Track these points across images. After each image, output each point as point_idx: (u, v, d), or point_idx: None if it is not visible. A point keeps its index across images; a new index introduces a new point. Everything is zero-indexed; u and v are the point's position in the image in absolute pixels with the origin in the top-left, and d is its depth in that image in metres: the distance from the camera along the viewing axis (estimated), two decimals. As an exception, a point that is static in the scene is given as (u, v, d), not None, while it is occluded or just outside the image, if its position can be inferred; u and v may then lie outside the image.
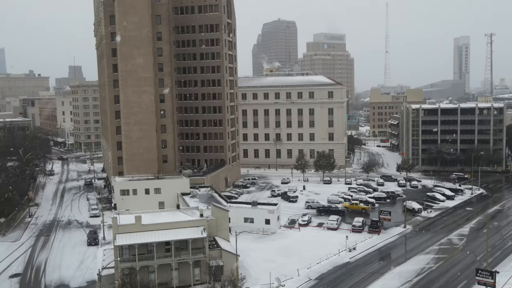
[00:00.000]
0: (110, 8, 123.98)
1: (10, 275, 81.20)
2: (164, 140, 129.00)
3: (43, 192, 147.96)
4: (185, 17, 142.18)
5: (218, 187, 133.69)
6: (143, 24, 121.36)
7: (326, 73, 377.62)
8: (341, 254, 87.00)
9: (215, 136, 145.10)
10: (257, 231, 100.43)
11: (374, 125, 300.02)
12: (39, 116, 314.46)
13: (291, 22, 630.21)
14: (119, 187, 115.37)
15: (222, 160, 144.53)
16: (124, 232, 72.81)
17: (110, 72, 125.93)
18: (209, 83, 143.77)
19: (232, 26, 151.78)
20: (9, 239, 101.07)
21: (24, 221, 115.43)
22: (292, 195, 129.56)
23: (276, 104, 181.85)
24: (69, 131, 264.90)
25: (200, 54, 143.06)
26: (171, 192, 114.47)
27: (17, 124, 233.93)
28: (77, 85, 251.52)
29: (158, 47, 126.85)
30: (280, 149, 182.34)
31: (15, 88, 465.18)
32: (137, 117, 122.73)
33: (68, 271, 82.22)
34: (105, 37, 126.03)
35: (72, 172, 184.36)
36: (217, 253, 75.97)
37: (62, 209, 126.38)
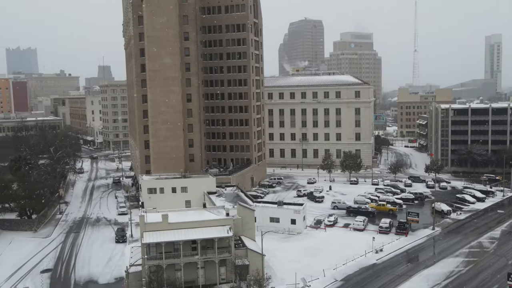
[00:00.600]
0: (138, 8, 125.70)
1: (41, 270, 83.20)
2: (190, 139, 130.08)
3: (73, 190, 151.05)
4: (212, 17, 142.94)
5: (244, 186, 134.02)
6: (170, 24, 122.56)
7: (353, 73, 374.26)
8: (367, 256, 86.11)
9: (241, 136, 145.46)
10: (283, 231, 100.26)
11: (401, 125, 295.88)
12: (70, 115, 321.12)
13: (318, 21, 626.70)
14: (146, 186, 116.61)
15: (248, 159, 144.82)
16: (152, 230, 73.72)
17: (138, 71, 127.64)
18: (236, 83, 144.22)
19: (258, 25, 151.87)
20: (40, 235, 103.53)
21: (55, 218, 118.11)
22: (318, 195, 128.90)
23: (302, 104, 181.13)
24: (98, 129, 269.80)
25: (226, 54, 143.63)
26: (198, 191, 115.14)
27: (48, 123, 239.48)
28: (106, 85, 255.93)
29: (185, 47, 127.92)
30: (306, 149, 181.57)
31: (47, 88, 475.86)
32: (165, 116, 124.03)
33: (96, 268, 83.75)
34: (133, 37, 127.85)
35: (101, 170, 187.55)
36: (242, 252, 76.20)
37: (91, 207, 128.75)
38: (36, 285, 76.72)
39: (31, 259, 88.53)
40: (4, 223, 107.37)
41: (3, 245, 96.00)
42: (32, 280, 79.06)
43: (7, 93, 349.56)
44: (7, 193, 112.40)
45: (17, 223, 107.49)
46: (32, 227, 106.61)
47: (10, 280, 79.30)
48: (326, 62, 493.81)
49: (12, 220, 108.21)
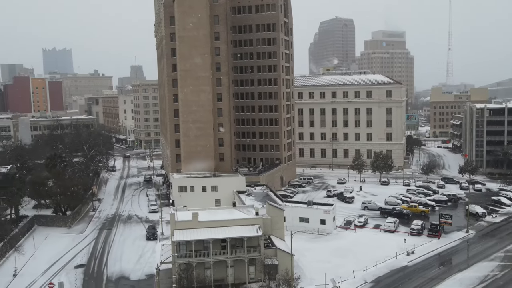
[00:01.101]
0: (170, 9, 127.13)
1: (75, 266, 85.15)
2: (220, 139, 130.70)
3: (106, 187, 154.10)
4: (243, 17, 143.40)
5: (273, 186, 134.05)
6: (201, 25, 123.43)
7: (385, 72, 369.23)
8: (398, 258, 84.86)
9: (271, 135, 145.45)
10: (312, 231, 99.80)
11: (434, 125, 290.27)
12: (103, 114, 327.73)
13: (349, 20, 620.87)
14: (177, 184, 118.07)
15: (277, 159, 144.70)
16: (182, 228, 74.51)
17: (169, 71, 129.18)
18: (266, 82, 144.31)
19: (288, 25, 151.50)
20: (74, 231, 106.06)
21: (88, 214, 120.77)
22: (348, 195, 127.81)
23: (333, 103, 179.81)
24: (130, 128, 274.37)
25: (256, 54, 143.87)
26: (227, 190, 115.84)
27: (82, 122, 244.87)
28: (138, 84, 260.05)
29: (215, 46, 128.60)
30: (336, 149, 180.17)
31: (81, 87, 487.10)
32: (195, 115, 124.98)
33: (128, 264, 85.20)
34: (165, 38, 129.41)
35: (132, 169, 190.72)
36: (272, 252, 76.21)
37: (123, 204, 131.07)
38: (70, 280, 78.52)
39: (65, 255, 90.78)
40: (40, 219, 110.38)
41: (39, 240, 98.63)
42: (67, 275, 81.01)
43: (44, 92, 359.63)
44: (43, 190, 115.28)
45: (52, 219, 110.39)
46: (67, 223, 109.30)
47: (45, 274, 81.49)
48: (357, 62, 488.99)
49: (48, 216, 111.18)
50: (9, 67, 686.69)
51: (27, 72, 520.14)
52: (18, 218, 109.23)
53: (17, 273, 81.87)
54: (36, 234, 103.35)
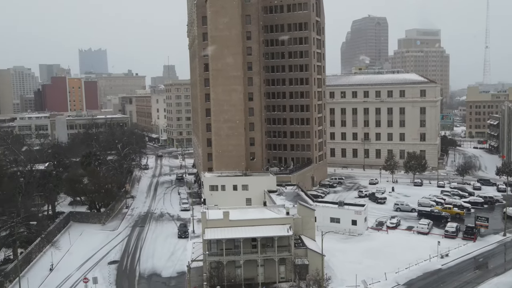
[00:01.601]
0: (202, 9, 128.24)
1: (109, 262, 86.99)
2: (252, 138, 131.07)
3: (138, 185, 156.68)
4: (274, 16, 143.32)
5: (304, 186, 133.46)
6: (233, 24, 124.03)
7: (419, 71, 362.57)
8: (432, 260, 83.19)
9: (302, 135, 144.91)
10: (343, 232, 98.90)
11: (470, 126, 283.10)
12: (136, 113, 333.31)
13: (382, 18, 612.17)
14: (208, 183, 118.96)
15: (308, 159, 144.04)
16: (213, 227, 75.07)
17: (201, 71, 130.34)
18: (297, 82, 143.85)
19: (320, 24, 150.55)
20: (108, 228, 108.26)
21: (122, 212, 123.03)
22: (380, 196, 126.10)
23: (365, 103, 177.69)
24: (163, 127, 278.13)
25: (288, 53, 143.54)
26: (258, 189, 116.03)
27: (116, 121, 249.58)
28: (171, 84, 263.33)
29: (247, 46, 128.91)
30: (368, 149, 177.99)
31: (115, 87, 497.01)
32: (227, 115, 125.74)
33: (160, 261, 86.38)
34: (197, 37, 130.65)
35: (165, 167, 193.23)
36: (302, 252, 75.96)
37: (155, 202, 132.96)
38: (104, 276, 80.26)
39: (99, 251, 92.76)
40: (75, 215, 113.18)
41: (74, 236, 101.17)
42: (100, 270, 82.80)
43: (80, 92, 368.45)
44: (78, 187, 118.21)
45: (87, 215, 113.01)
46: (101, 220, 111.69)
47: (80, 269, 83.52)
48: (390, 60, 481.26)
49: (83, 213, 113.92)
50: (47, 67, 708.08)
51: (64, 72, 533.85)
52: (55, 214, 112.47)
53: (54, 267, 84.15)
54: (71, 230, 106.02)
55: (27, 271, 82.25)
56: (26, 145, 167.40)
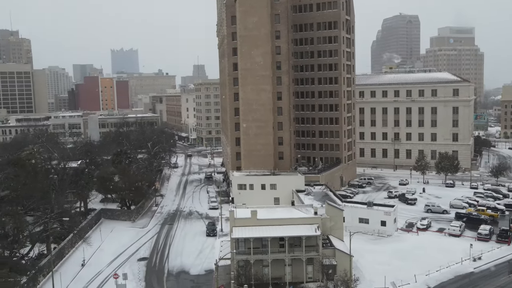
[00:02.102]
0: (231, 9, 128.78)
1: (138, 258, 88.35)
2: (280, 137, 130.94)
3: (168, 184, 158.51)
4: (304, 15, 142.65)
5: (333, 186, 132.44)
6: (262, 24, 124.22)
7: (452, 70, 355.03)
8: (464, 263, 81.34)
9: (331, 134, 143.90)
10: (372, 233, 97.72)
11: (506, 126, 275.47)
12: (166, 112, 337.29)
13: (414, 16, 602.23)
14: (236, 182, 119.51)
15: (337, 158, 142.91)
16: (241, 226, 75.32)
17: (230, 70, 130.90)
18: (326, 81, 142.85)
19: (350, 23, 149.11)
20: (138, 225, 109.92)
21: (151, 209, 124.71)
22: (410, 197, 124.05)
23: (395, 103, 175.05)
24: (192, 126, 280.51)
25: (317, 52, 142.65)
26: (286, 188, 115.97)
27: (146, 120, 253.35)
28: (200, 83, 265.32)
29: (276, 45, 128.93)
30: (399, 149, 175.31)
31: (146, 86, 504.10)
32: (255, 114, 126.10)
33: (188, 259, 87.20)
34: (226, 37, 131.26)
35: (194, 166, 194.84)
36: (330, 252, 75.44)
37: (184, 200, 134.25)
38: (133, 272, 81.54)
39: (129, 247, 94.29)
40: (106, 212, 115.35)
41: (105, 233, 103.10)
42: (130, 267, 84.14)
43: (112, 91, 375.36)
44: (109, 185, 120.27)
45: (118, 213, 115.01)
46: (131, 217, 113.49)
47: (111, 265, 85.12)
48: (422, 59, 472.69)
49: (114, 210, 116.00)
50: (80, 67, 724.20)
51: (96, 72, 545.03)
52: (87, 211, 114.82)
53: (85, 263, 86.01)
54: (103, 227, 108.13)
55: (60, 266, 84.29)
56: (60, 143, 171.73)
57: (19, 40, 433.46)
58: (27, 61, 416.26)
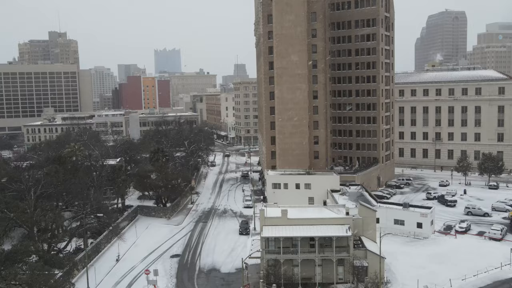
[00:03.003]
0: (268, 7, 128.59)
1: (171, 255, 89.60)
2: (316, 136, 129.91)
3: (205, 182, 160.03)
4: (341, 13, 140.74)
5: (369, 186, 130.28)
6: (298, 22, 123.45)
7: (501, 67, 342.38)
8: (504, 268, 78.11)
9: (368, 134, 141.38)
10: (408, 234, 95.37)
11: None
12: (206, 111, 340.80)
13: (460, 12, 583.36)
14: (271, 181, 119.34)
15: (374, 158, 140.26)
16: (271, 225, 75.11)
17: (266, 69, 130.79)
18: (364, 80, 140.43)
19: (390, 20, 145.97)
20: (173, 223, 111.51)
21: (187, 207, 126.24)
22: (450, 199, 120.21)
23: (437, 101, 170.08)
24: (231, 125, 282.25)
25: (355, 50, 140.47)
26: (321, 188, 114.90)
27: (186, 118, 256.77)
28: (239, 82, 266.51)
29: (312, 44, 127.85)
30: (440, 149, 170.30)
31: (187, 85, 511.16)
32: (290, 113, 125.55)
33: (220, 257, 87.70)
34: (262, 36, 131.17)
35: (231, 164, 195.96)
36: (361, 253, 74.12)
37: (220, 199, 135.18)
38: (165, 268, 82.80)
39: (163, 244, 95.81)
40: (143, 209, 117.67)
41: (140, 229, 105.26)
42: (163, 263, 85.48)
43: (153, 90, 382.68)
44: (146, 182, 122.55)
45: (154, 210, 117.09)
46: (166, 214, 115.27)
47: (144, 261, 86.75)
48: (468, 57, 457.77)
49: (150, 207, 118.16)
50: (125, 67, 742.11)
51: (139, 71, 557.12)
52: (124, 208, 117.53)
53: (120, 258, 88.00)
54: (138, 223, 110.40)
55: (95, 261, 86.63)
56: (101, 141, 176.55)
57: (67, 42, 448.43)
58: (74, 61, 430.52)
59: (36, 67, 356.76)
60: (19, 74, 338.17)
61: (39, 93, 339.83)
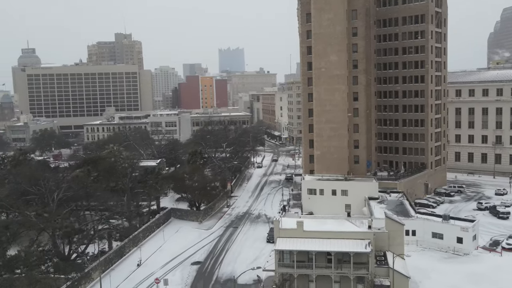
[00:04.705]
0: (306, 6, 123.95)
1: (192, 262, 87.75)
2: (356, 140, 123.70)
3: (247, 184, 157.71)
4: (388, 10, 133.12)
5: (415, 193, 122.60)
6: (338, 21, 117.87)
7: None
8: (551, 294, 69.55)
9: (415, 137, 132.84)
10: (446, 250, 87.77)
11: None
12: (262, 110, 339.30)
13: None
14: (306, 186, 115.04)
15: (422, 163, 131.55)
16: (285, 237, 71.29)
17: (305, 70, 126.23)
18: (411, 80, 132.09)
19: (441, 15, 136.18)
20: (203, 227, 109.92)
21: (222, 210, 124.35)
22: (502, 210, 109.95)
23: (498, 102, 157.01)
24: (284, 125, 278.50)
25: (402, 49, 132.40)
26: (359, 195, 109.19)
27: (238, 119, 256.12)
28: (292, 82, 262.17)
29: (353, 43, 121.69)
30: (501, 154, 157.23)
31: (247, 84, 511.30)
32: (329, 115, 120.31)
33: (240, 266, 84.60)
34: (301, 35, 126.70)
35: (278, 166, 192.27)
36: (383, 271, 68.55)
37: (257, 202, 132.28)
38: (183, 276, 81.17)
39: (188, 250, 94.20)
40: (176, 212, 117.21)
41: (170, 233, 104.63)
42: (182, 270, 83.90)
43: (211, 90, 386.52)
44: (182, 184, 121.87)
45: (186, 213, 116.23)
46: (198, 218, 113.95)
47: (164, 267, 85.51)
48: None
49: (183, 210, 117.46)
50: (190, 66, 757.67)
51: (202, 71, 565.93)
52: (159, 210, 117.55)
53: (142, 263, 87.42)
54: (170, 226, 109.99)
55: (117, 265, 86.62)
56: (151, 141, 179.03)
57: (131, 43, 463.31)
58: (138, 61, 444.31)
59: (99, 67, 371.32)
60: (84, 75, 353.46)
61: (102, 93, 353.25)
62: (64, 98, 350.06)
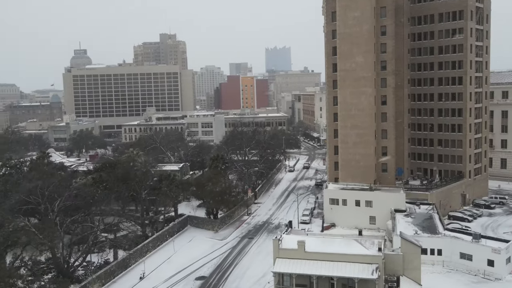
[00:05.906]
0: (332, 4, 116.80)
1: (196, 277, 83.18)
2: (384, 147, 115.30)
3: (274, 189, 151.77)
4: (423, 6, 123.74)
5: (449, 204, 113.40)
6: (364, 19, 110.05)
7: None
8: None
9: (452, 144, 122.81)
10: (476, 273, 79.02)
11: None
12: (302, 111, 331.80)
13: None
14: (328, 196, 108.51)
15: (459, 172, 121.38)
16: (285, 257, 65.39)
17: (329, 71, 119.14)
18: (448, 81, 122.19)
19: (483, 11, 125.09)
20: (218, 237, 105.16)
21: (241, 219, 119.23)
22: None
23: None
24: (323, 127, 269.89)
25: (438, 48, 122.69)
26: (384, 206, 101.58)
27: (274, 120, 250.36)
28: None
29: (381, 43, 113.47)
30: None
31: (291, 84, 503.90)
32: (354, 120, 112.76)
33: (247, 283, 79.71)
34: (326, 35, 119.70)
35: (311, 170, 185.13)
36: (394, 300, 61.42)
37: (280, 210, 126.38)
38: (183, 293, 76.95)
39: (196, 262, 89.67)
40: (192, 219, 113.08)
41: (182, 242, 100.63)
42: (185, 286, 79.66)
43: (252, 90, 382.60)
44: (202, 190, 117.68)
45: (202, 221, 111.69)
46: (214, 227, 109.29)
47: (167, 281, 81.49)
48: None
49: (199, 218, 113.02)
50: (236, 66, 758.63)
51: (246, 70, 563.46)
52: (176, 217, 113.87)
53: (145, 276, 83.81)
54: (184, 235, 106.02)
55: (120, 277, 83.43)
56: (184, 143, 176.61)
57: (175, 43, 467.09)
58: (182, 61, 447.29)
59: (141, 68, 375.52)
60: (127, 75, 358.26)
61: (144, 93, 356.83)
62: (108, 98, 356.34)
